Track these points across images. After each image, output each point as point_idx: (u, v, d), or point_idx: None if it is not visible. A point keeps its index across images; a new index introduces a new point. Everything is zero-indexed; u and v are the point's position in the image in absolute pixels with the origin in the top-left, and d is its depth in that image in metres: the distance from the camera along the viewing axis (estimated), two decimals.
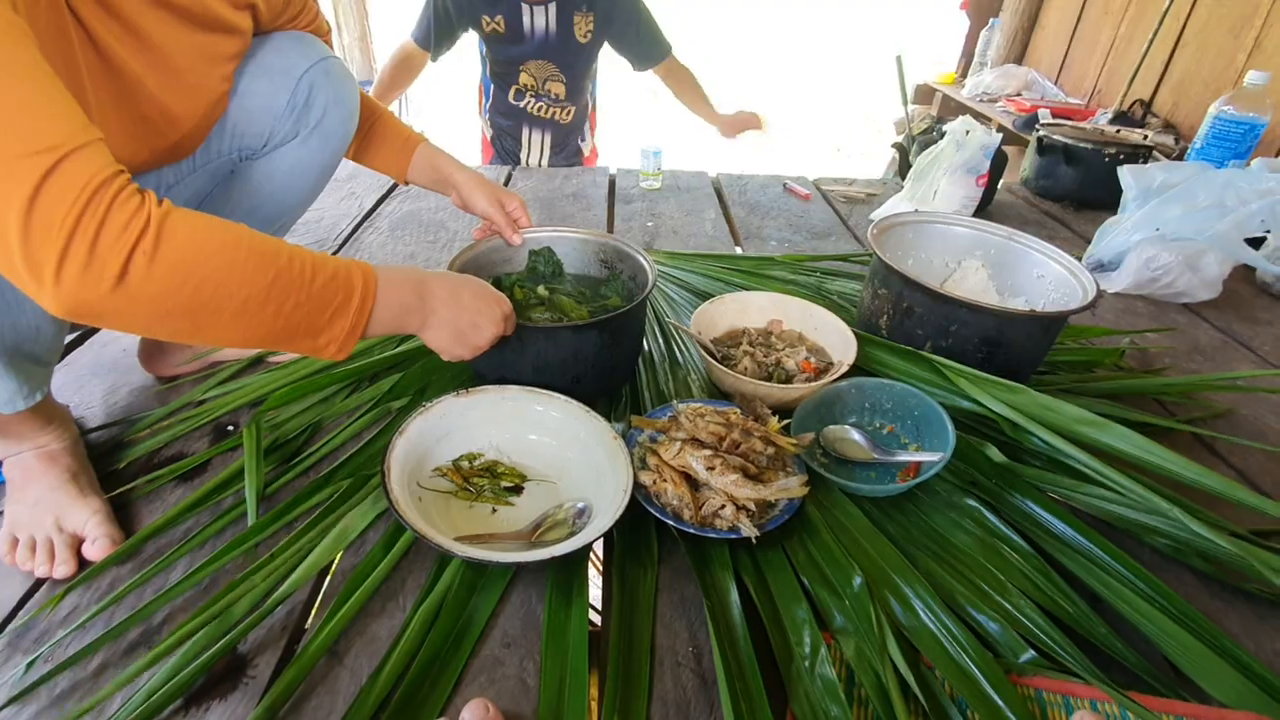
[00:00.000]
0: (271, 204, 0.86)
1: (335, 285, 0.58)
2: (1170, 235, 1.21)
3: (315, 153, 0.83)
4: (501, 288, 0.94)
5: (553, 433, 0.79)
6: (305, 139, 0.81)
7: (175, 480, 0.76)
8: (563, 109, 1.82)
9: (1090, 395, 0.91)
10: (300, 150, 0.82)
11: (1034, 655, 0.59)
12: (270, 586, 0.63)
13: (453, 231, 1.41)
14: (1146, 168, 1.30)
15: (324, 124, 0.81)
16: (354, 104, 0.85)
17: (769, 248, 1.40)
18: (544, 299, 0.95)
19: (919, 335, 0.89)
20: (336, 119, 0.83)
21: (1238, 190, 1.19)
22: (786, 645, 0.60)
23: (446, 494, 0.74)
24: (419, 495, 0.71)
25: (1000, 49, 3.05)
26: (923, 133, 1.71)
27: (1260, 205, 1.16)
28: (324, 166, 0.86)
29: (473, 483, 0.75)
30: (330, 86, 0.81)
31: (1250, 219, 1.18)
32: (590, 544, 0.64)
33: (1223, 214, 1.18)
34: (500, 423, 0.79)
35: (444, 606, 0.62)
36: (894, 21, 6.84)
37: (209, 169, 0.81)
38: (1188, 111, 2.22)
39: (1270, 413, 0.94)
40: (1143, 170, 1.29)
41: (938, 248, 1.06)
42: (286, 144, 0.81)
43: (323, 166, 0.86)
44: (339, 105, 0.82)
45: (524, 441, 0.79)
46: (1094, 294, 0.85)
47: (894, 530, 0.72)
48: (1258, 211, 1.17)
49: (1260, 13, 2.01)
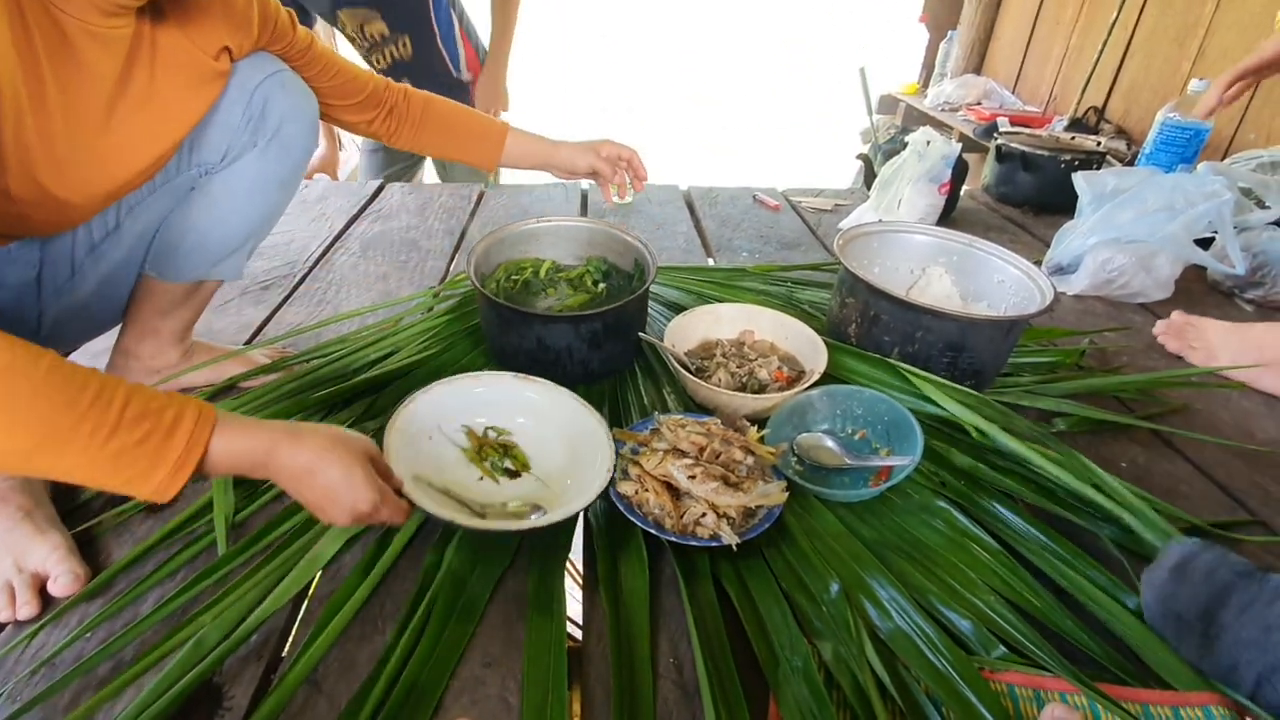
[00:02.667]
0: (236, 218, 0.85)
1: (148, 436, 0.52)
2: (1124, 238, 1.26)
3: (275, 164, 0.83)
4: (520, 269, 1.06)
5: (539, 415, 0.83)
6: (264, 150, 0.82)
7: (144, 512, 0.75)
8: (399, 43, 1.64)
9: (1052, 396, 0.94)
10: (260, 161, 0.82)
11: (1005, 651, 0.60)
12: (242, 614, 0.62)
13: (425, 250, 1.41)
14: (1099, 174, 1.34)
15: (282, 134, 0.82)
16: (312, 116, 0.85)
17: (740, 259, 1.42)
18: (546, 286, 1.07)
19: (886, 342, 0.91)
20: (295, 131, 0.83)
21: (1185, 193, 1.24)
22: (771, 652, 0.61)
23: (460, 449, 0.81)
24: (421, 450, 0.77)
25: (959, 60, 3.14)
26: (887, 142, 1.75)
27: (1206, 207, 1.21)
28: (284, 180, 0.86)
29: (484, 451, 0.80)
30: (285, 98, 0.81)
31: (1198, 220, 1.22)
32: (567, 555, 0.65)
33: (1172, 216, 1.23)
34: (491, 404, 0.84)
35: (424, 628, 0.62)
36: (858, 33, 7.00)
37: (170, 188, 0.81)
38: (1138, 117, 2.31)
39: (1222, 407, 0.98)
40: (1096, 176, 1.33)
41: (902, 256, 1.09)
42: (245, 155, 0.81)
43: (283, 180, 0.86)
44: (297, 117, 0.83)
45: (512, 424, 0.84)
46: (1051, 298, 0.88)
47: (868, 534, 0.74)
48: (1204, 213, 1.21)
49: (1203, 22, 2.10)
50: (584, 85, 5.77)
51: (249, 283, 1.25)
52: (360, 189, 1.75)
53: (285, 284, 1.25)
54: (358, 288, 1.25)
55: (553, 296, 1.06)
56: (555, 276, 1.09)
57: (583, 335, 0.90)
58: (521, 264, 1.09)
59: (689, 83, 5.95)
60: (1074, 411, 0.90)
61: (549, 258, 1.11)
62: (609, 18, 7.63)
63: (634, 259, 1.07)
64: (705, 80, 6.00)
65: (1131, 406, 0.98)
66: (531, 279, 1.07)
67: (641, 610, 0.64)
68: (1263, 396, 1.01)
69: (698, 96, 5.64)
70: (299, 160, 0.86)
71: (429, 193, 1.75)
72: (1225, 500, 0.82)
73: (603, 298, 1.06)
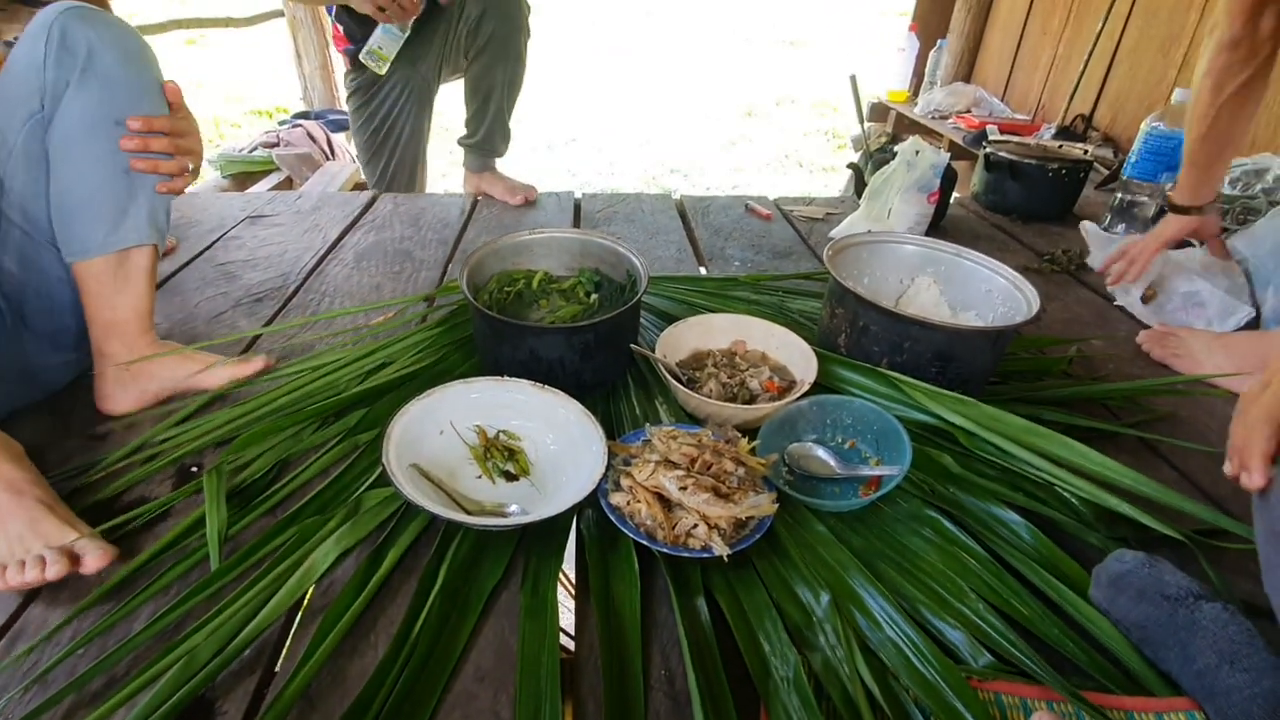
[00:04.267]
0: (94, 167, 0.83)
1: None
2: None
3: (100, 100, 0.81)
4: (513, 281, 1.09)
5: (533, 416, 0.86)
6: (81, 83, 0.80)
7: (140, 530, 0.75)
8: None
9: (1040, 403, 0.95)
10: (82, 98, 0.80)
11: (992, 660, 0.61)
12: (235, 629, 0.62)
13: (419, 261, 1.42)
14: (1246, 234, 1.27)
15: (95, 65, 0.80)
16: (128, 45, 0.83)
17: (733, 268, 1.43)
18: (538, 297, 1.08)
19: (875, 352, 0.92)
20: (111, 59, 0.81)
21: None
22: (762, 663, 0.62)
23: (469, 447, 0.84)
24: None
25: (948, 68, 3.17)
26: (879, 150, 1.76)
27: None
28: (120, 117, 0.82)
29: (490, 451, 0.83)
30: (87, 26, 0.79)
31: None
32: (560, 567, 0.65)
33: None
34: (487, 409, 0.86)
35: (417, 643, 0.62)
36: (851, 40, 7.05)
37: (18, 153, 0.81)
38: (1125, 125, 2.34)
39: (1206, 414, 0.99)
40: (1249, 237, 1.25)
41: (891, 266, 1.10)
42: (64, 95, 0.80)
43: (118, 117, 0.82)
44: (108, 45, 0.80)
45: (507, 426, 0.86)
46: (1037, 308, 0.89)
47: (859, 543, 0.74)
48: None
49: (1187, 31, 2.13)
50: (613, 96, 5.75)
51: (242, 294, 1.25)
52: (354, 199, 1.75)
53: (279, 295, 1.26)
54: (351, 299, 1.26)
55: (545, 308, 1.07)
56: (548, 288, 1.10)
57: (575, 346, 0.90)
58: (514, 275, 1.10)
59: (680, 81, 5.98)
60: (1061, 419, 0.91)
61: (542, 269, 1.12)
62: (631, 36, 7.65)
63: (626, 270, 1.08)
64: (695, 80, 6.03)
65: (1118, 414, 0.99)
66: (524, 290, 1.08)
67: (633, 622, 0.65)
68: None
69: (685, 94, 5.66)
70: (133, 94, 0.83)
71: (423, 203, 1.76)
72: (1209, 508, 0.83)
73: (595, 309, 1.07)
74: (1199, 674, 0.54)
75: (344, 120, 3.14)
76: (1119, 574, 0.62)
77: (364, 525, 0.74)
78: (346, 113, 1.95)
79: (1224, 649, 0.53)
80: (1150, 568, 0.62)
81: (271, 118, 4.43)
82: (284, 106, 4.46)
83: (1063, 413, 0.93)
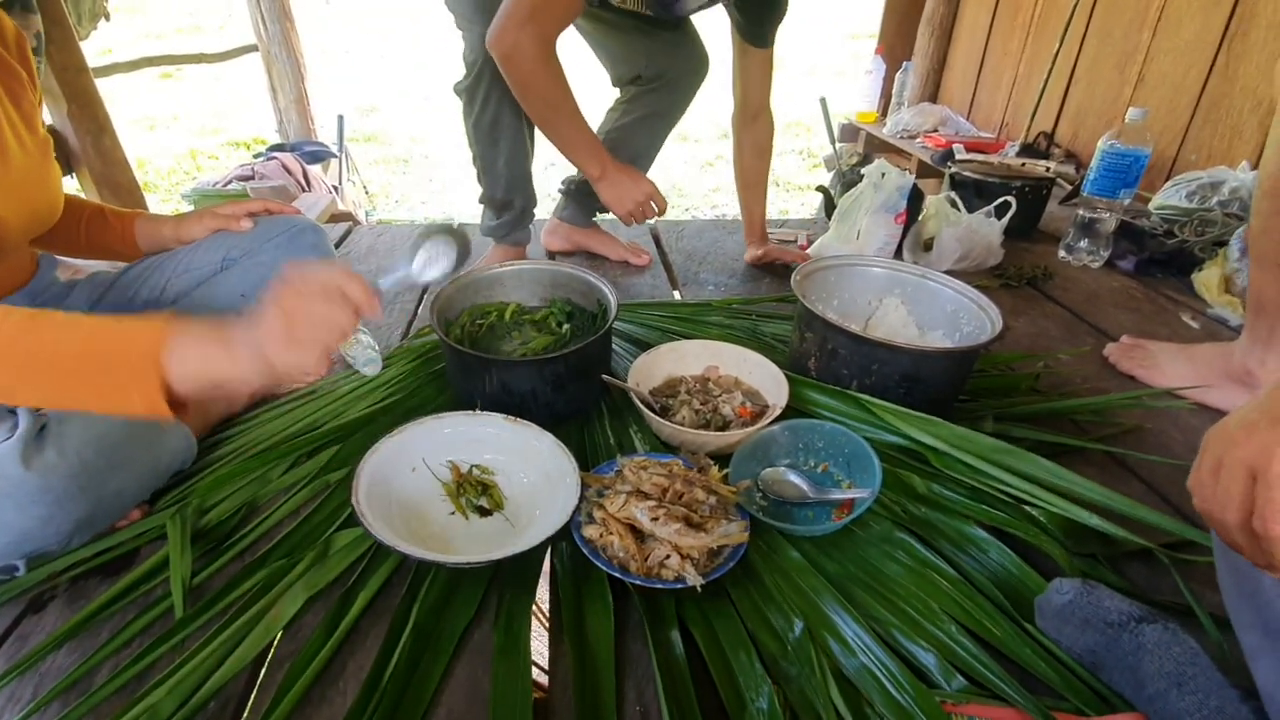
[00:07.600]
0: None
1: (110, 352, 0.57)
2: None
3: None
4: (485, 314, 1.09)
5: (507, 450, 0.86)
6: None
7: (99, 574, 0.74)
8: None
9: (1008, 420, 0.96)
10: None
11: (965, 683, 0.61)
12: (199, 681, 0.61)
13: (396, 293, 1.41)
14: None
15: None
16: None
17: (707, 292, 1.44)
18: (511, 329, 1.09)
19: (845, 375, 0.93)
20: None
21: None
22: (737, 695, 0.61)
23: (441, 484, 0.83)
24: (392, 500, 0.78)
25: (915, 89, 3.24)
26: (850, 170, 1.80)
27: None
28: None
29: (463, 488, 0.82)
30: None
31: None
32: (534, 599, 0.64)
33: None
34: (459, 444, 0.86)
35: (387, 688, 0.61)
36: (820, 63, 7.19)
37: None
38: (1085, 141, 2.40)
39: (1172, 426, 1.01)
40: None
41: (859, 288, 1.12)
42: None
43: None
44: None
45: (481, 461, 0.86)
46: (1000, 327, 0.91)
47: (832, 568, 0.74)
48: None
49: (1141, 49, 2.20)
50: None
51: None
52: (330, 231, 1.75)
53: None
54: None
55: (518, 339, 1.07)
56: (520, 319, 1.10)
57: (546, 378, 0.91)
58: (486, 308, 1.10)
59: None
60: (1030, 435, 0.93)
61: (514, 300, 1.12)
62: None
63: (597, 299, 1.08)
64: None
65: (1086, 428, 1.00)
66: (496, 322, 1.08)
67: (607, 657, 0.64)
68: (1210, 414, 1.05)
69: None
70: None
71: (399, 234, 1.76)
72: (1177, 520, 0.84)
73: (567, 339, 1.07)
74: (1150, 699, 0.55)
75: (320, 152, 3.14)
76: (1060, 606, 0.63)
77: (333, 567, 0.73)
78: (322, 145, 1.94)
79: (1170, 671, 0.54)
80: (1089, 594, 0.62)
81: (249, 149, 4.43)
82: (262, 138, 4.46)
83: (1031, 429, 0.94)
